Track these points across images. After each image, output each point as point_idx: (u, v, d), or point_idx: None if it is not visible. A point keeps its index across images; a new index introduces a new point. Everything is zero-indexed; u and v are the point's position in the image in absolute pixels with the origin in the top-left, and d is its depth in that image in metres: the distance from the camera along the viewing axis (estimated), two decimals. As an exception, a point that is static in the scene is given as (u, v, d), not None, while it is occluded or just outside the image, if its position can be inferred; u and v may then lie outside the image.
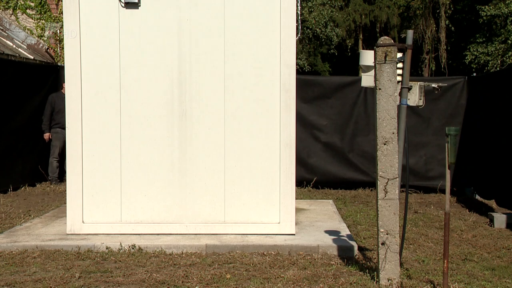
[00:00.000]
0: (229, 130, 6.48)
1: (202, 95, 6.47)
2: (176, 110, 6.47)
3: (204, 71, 6.47)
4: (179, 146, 6.48)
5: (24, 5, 13.55)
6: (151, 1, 6.47)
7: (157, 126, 6.48)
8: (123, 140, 6.47)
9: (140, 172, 6.50)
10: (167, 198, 6.52)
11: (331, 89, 10.56)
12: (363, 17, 29.53)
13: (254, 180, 6.49)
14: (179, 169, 6.50)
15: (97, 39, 6.47)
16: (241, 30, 6.46)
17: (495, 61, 19.95)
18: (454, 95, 10.30)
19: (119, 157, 6.48)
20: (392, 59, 4.78)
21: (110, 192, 6.51)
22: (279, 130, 6.46)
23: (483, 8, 20.53)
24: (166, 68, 6.48)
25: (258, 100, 6.48)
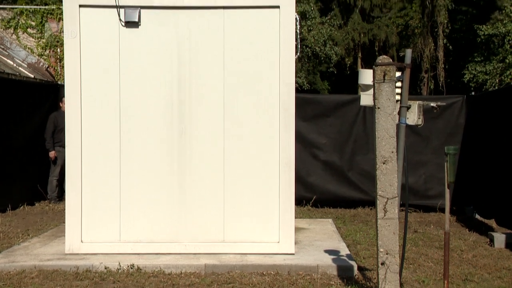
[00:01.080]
0: (228, 149, 6.48)
1: (201, 114, 6.48)
2: (176, 129, 6.48)
3: (203, 89, 6.49)
4: (178, 165, 6.48)
5: (25, 24, 13.64)
6: (151, 20, 6.51)
7: (156, 146, 6.48)
8: (123, 159, 6.47)
9: (140, 192, 6.48)
10: (166, 218, 6.50)
11: (330, 107, 10.58)
12: (362, 36, 29.69)
13: (254, 199, 6.47)
14: (179, 189, 6.49)
15: (97, 58, 6.50)
16: (240, 48, 6.49)
17: (493, 80, 20.03)
18: (453, 114, 10.33)
19: (118, 176, 6.47)
20: (391, 78, 4.80)
21: (109, 212, 6.49)
22: (278, 148, 6.46)
23: (481, 28, 20.65)
24: (166, 86, 6.50)
25: (258, 118, 6.49)
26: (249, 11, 6.50)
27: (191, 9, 6.50)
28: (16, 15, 13.86)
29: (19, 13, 13.89)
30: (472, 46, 23.37)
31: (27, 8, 14.11)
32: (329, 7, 29.54)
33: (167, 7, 6.49)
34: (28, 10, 13.99)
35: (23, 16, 13.82)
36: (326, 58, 23.69)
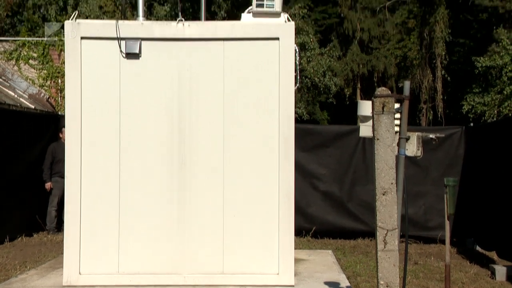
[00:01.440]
0: (228, 180, 6.47)
1: (201, 144, 6.49)
2: (176, 160, 6.48)
3: (203, 119, 6.52)
4: (178, 197, 6.46)
5: (27, 55, 13.77)
6: (152, 51, 6.56)
7: (156, 177, 6.46)
8: (122, 190, 6.45)
9: (139, 223, 6.45)
10: (165, 249, 6.45)
11: (329, 138, 10.61)
12: (361, 67, 29.91)
13: (253, 230, 6.44)
14: (178, 219, 6.46)
15: (97, 89, 6.53)
16: (240, 80, 6.53)
17: (491, 111, 20.12)
18: (452, 145, 10.35)
19: (117, 207, 6.45)
20: (390, 110, 4.82)
21: (108, 243, 6.45)
22: (278, 179, 6.45)
23: (478, 60, 20.83)
24: (166, 117, 6.52)
25: (257, 149, 6.49)
26: (249, 43, 6.56)
27: (192, 40, 6.56)
28: (19, 46, 14.00)
29: (21, 44, 14.03)
30: (470, 77, 23.54)
31: (29, 40, 14.26)
32: (328, 39, 29.83)
33: (168, 38, 6.55)
34: (30, 42, 14.14)
35: (25, 47, 13.96)
36: (326, 89, 23.85)
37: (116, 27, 6.43)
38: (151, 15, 20.44)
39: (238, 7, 23.08)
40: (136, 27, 6.53)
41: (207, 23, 6.84)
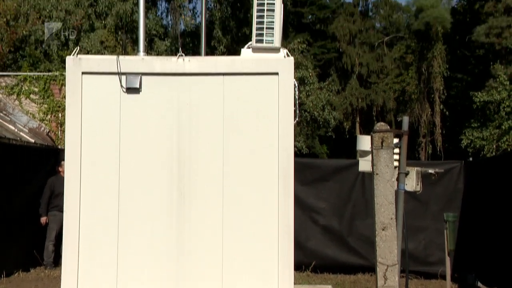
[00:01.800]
0: (227, 216, 6.43)
1: (200, 179, 6.47)
2: (175, 196, 6.45)
3: (203, 154, 6.51)
4: (177, 230, 6.41)
5: (28, 90, 13.88)
6: (152, 86, 6.59)
7: (155, 212, 6.43)
8: (121, 226, 6.41)
9: (137, 261, 6.38)
10: (163, 286, 6.38)
11: (329, 172, 10.61)
12: (360, 101, 30.14)
13: (252, 265, 6.38)
14: (177, 257, 6.40)
15: (97, 123, 6.54)
16: (240, 114, 6.55)
17: (490, 146, 20.19)
18: (452, 179, 10.35)
19: (116, 244, 6.39)
20: (389, 145, 4.84)
21: (106, 279, 6.38)
22: (277, 214, 6.41)
23: (476, 94, 21.00)
24: (166, 151, 6.52)
25: (257, 184, 6.47)
26: (249, 78, 6.60)
27: (192, 75, 6.59)
28: (20, 81, 14.12)
29: (23, 79, 14.16)
30: (469, 112, 23.69)
31: (31, 75, 14.39)
32: (327, 73, 30.13)
33: (168, 73, 6.59)
34: (32, 76, 14.26)
35: (27, 82, 14.08)
36: (325, 123, 23.96)
37: (117, 62, 6.48)
38: (152, 50, 20.65)
39: (237, 42, 23.36)
40: (136, 62, 6.59)
41: (207, 58, 6.90)
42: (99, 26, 19.95)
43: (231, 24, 24.20)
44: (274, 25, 6.54)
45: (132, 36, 20.87)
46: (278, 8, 6.57)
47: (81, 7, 19.72)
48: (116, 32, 20.27)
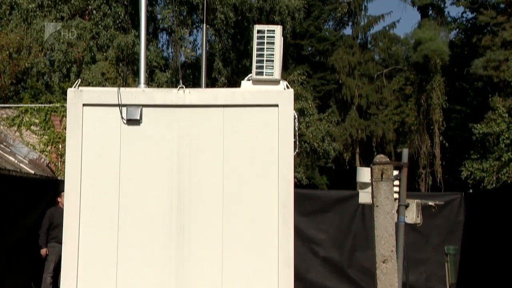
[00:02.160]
0: (226, 247, 6.39)
1: (200, 211, 6.45)
2: (174, 227, 6.43)
3: (202, 186, 6.51)
4: (176, 263, 6.37)
5: (29, 121, 13.94)
6: (153, 117, 6.62)
7: (154, 244, 6.39)
8: (120, 259, 6.37)
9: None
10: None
11: (329, 203, 10.60)
12: (360, 132, 30.23)
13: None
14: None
15: (98, 154, 6.56)
16: (239, 145, 6.57)
17: (490, 178, 20.18)
18: (452, 211, 10.32)
19: (114, 275, 6.35)
20: (389, 177, 4.85)
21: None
22: (277, 245, 6.38)
23: (475, 126, 21.08)
24: (166, 182, 6.51)
25: (256, 215, 6.45)
26: (249, 110, 6.63)
27: (192, 107, 6.63)
28: (21, 113, 14.20)
29: (24, 111, 14.24)
30: (468, 143, 23.75)
31: (32, 106, 14.47)
32: (326, 104, 30.27)
33: (168, 105, 6.63)
34: (33, 108, 14.34)
35: (28, 114, 14.16)
36: (325, 154, 23.99)
37: (117, 94, 6.52)
38: (153, 81, 20.80)
39: (238, 74, 23.55)
40: (137, 94, 6.63)
41: (207, 90, 6.95)
42: (100, 58, 20.14)
43: (231, 56, 24.44)
44: (274, 57, 6.61)
45: (133, 67, 21.05)
46: (278, 41, 6.65)
47: (83, 39, 19.94)
48: (117, 64, 20.45)
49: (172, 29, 23.04)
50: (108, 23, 20.67)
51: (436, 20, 26.82)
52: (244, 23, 23.48)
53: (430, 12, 27.67)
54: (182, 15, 22.62)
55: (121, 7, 20.94)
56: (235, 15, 22.39)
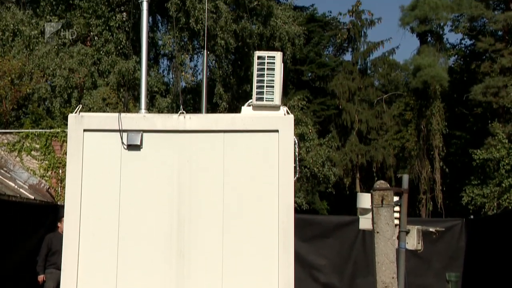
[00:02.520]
0: (226, 269, 6.36)
1: (200, 236, 6.43)
2: (174, 252, 6.40)
3: (203, 210, 6.49)
4: (176, 287, 6.33)
5: (30, 147, 13.96)
6: (153, 143, 6.63)
7: (154, 269, 6.36)
8: (120, 286, 6.32)
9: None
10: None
11: (329, 228, 10.56)
12: (360, 157, 30.23)
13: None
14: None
15: (98, 179, 6.55)
16: (240, 171, 6.56)
17: (491, 204, 20.13)
18: (453, 237, 10.27)
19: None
20: (389, 203, 4.84)
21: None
22: (277, 271, 6.34)
23: (476, 152, 21.09)
24: (166, 207, 6.49)
25: (256, 240, 6.42)
26: (249, 135, 6.65)
27: (192, 132, 6.65)
28: (22, 138, 14.22)
29: (25, 136, 14.27)
30: (468, 169, 23.74)
31: (33, 131, 14.50)
32: (327, 129, 30.34)
33: (169, 131, 6.65)
34: (33, 133, 14.37)
35: (28, 139, 14.19)
36: (325, 179, 23.97)
37: (118, 120, 6.55)
38: (153, 107, 20.88)
39: (238, 99, 23.65)
40: (138, 120, 6.65)
41: (207, 116, 6.98)
42: (101, 83, 20.25)
43: (232, 81, 24.57)
44: (274, 83, 6.65)
45: (134, 93, 21.15)
46: (278, 67, 6.69)
47: (85, 65, 20.07)
48: (118, 89, 20.55)
49: (173, 54, 23.22)
50: (110, 49, 20.83)
51: (435, 46, 27.03)
52: (245, 49, 23.65)
53: (429, 39, 27.90)
54: (183, 41, 22.80)
55: (122, 33, 21.13)
56: (236, 41, 22.57)
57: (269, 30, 23.41)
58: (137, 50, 20.28)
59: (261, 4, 23.61)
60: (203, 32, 20.26)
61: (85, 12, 20.90)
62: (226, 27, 21.51)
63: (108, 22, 20.81)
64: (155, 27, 24.64)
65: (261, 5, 23.63)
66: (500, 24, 24.94)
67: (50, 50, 19.97)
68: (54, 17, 20.93)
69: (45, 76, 19.74)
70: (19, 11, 20.76)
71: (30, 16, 20.94)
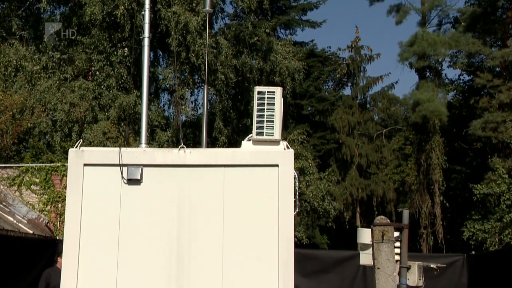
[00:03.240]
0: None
1: (200, 272, 6.38)
2: (173, 287, 6.34)
3: (202, 245, 6.45)
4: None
5: (30, 181, 13.95)
6: (153, 177, 6.63)
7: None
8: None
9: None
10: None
11: (330, 263, 10.48)
12: (360, 191, 30.17)
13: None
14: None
15: (97, 214, 6.53)
16: (240, 205, 6.55)
17: (492, 239, 20.02)
18: (455, 273, 10.18)
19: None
20: (390, 239, 4.82)
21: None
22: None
23: (476, 187, 21.06)
24: (165, 242, 6.46)
25: (256, 274, 6.38)
26: (249, 169, 6.66)
27: (192, 167, 6.66)
28: (22, 172, 14.22)
29: (25, 170, 14.27)
30: (469, 204, 23.67)
31: (33, 166, 14.50)
32: (327, 163, 30.34)
33: (169, 165, 6.66)
34: (33, 167, 14.37)
35: (28, 173, 14.18)
36: (325, 213, 23.88)
37: (118, 155, 6.56)
38: (153, 140, 20.93)
39: (238, 133, 23.72)
40: (138, 154, 6.67)
41: (207, 150, 7.00)
42: (102, 117, 20.34)
43: (232, 115, 24.69)
44: (274, 118, 6.69)
45: (134, 127, 21.22)
46: (278, 102, 6.74)
47: (86, 99, 20.20)
48: (119, 124, 20.64)
49: (174, 89, 23.39)
50: (111, 83, 20.99)
51: (434, 81, 27.24)
52: (245, 83, 23.84)
53: (428, 74, 28.14)
54: (184, 75, 23.00)
55: (123, 68, 21.32)
56: (236, 76, 22.76)
57: (269, 65, 23.63)
58: (138, 84, 20.46)
59: (261, 40, 23.89)
60: (204, 67, 20.44)
61: (87, 47, 21.12)
62: (226, 62, 21.72)
63: (110, 57, 21.02)
64: (156, 62, 24.88)
65: (261, 41, 23.91)
66: (498, 61, 25.20)
67: (52, 84, 20.13)
68: (56, 53, 21.15)
69: (46, 111, 19.84)
70: (22, 47, 20.98)
71: (32, 52, 21.16)
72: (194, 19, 19.85)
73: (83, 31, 21.80)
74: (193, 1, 20.57)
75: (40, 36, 22.05)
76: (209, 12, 9.57)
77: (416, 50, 25.62)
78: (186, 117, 25.15)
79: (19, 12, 22.84)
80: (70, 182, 6.59)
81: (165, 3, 20.49)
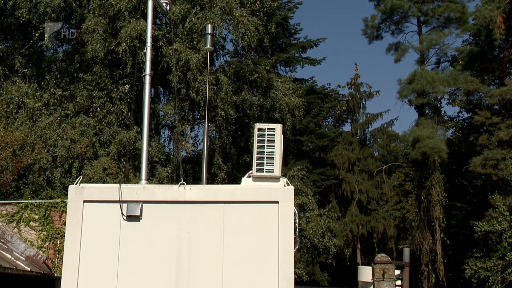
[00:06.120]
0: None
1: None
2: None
3: (202, 282, 6.41)
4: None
5: (28, 218, 13.88)
6: (153, 214, 6.62)
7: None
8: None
9: None
10: None
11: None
12: (360, 228, 29.99)
13: None
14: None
15: (96, 251, 6.51)
16: (239, 241, 6.52)
17: (495, 277, 19.80)
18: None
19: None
20: (390, 277, 4.78)
21: None
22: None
23: (477, 224, 20.95)
24: (164, 279, 6.42)
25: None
26: (249, 206, 6.66)
27: (192, 203, 6.66)
28: (21, 209, 14.17)
29: (24, 207, 14.21)
30: (470, 241, 23.52)
31: (32, 202, 14.44)
32: (327, 200, 30.25)
33: (169, 201, 6.66)
34: (33, 204, 14.31)
35: (27, 210, 14.13)
36: (325, 249, 23.67)
37: (118, 191, 6.57)
38: (153, 177, 20.89)
39: (238, 169, 23.69)
40: (138, 191, 6.67)
41: (207, 187, 7.00)
42: (102, 153, 20.35)
43: (231, 151, 24.70)
44: (274, 155, 6.72)
45: (134, 163, 21.21)
46: (278, 139, 6.78)
47: (86, 136, 20.25)
48: (119, 160, 20.63)
49: (174, 125, 23.46)
50: (111, 120, 21.08)
51: (433, 118, 27.37)
52: (245, 119, 23.93)
53: (427, 111, 28.29)
54: (184, 112, 23.11)
55: (124, 105, 21.44)
56: (236, 112, 22.86)
57: (269, 101, 23.76)
58: (139, 120, 20.54)
59: (262, 77, 24.09)
60: (204, 103, 20.55)
61: (88, 84, 21.29)
62: (226, 98, 21.85)
63: (111, 94, 21.17)
64: (157, 98, 25.04)
65: (261, 78, 24.10)
66: (496, 99, 25.37)
67: (53, 121, 20.20)
68: (58, 90, 21.31)
69: (46, 147, 19.86)
70: (24, 85, 21.15)
71: (34, 89, 21.32)
72: (195, 56, 20.03)
73: (85, 68, 22.00)
74: (194, 39, 20.80)
75: (43, 73, 22.26)
76: (209, 50, 9.68)
77: (415, 88, 25.81)
78: (186, 153, 25.16)
79: (22, 50, 23.10)
80: (70, 218, 6.57)
81: (167, 41, 20.72)
